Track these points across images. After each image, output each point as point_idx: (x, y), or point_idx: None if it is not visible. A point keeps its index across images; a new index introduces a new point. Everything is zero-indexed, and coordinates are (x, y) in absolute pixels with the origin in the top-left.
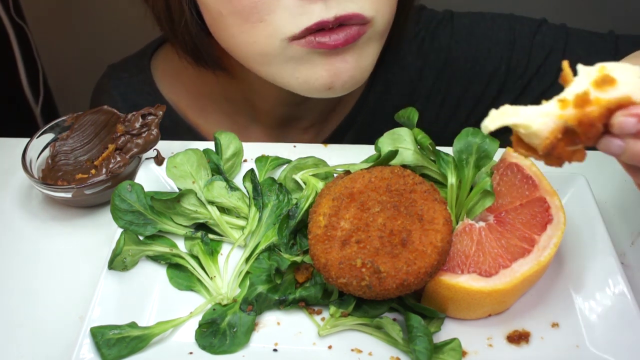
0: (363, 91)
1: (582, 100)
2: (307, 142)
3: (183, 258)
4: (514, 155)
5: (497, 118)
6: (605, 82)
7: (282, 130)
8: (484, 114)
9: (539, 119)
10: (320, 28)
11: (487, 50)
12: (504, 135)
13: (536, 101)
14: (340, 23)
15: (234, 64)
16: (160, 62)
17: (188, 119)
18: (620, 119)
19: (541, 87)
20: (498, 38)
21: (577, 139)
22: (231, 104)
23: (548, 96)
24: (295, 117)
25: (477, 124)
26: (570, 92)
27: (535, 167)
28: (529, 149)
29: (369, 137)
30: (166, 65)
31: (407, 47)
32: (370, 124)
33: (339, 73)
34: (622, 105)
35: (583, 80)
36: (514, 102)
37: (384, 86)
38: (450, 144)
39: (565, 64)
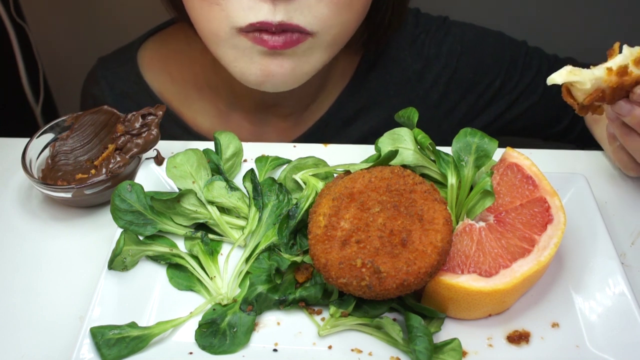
0: (345, 87)
1: (623, 71)
2: (288, 129)
3: (183, 258)
4: (514, 156)
5: (565, 75)
6: None
7: (262, 116)
8: (475, 121)
9: (592, 80)
10: (263, 28)
11: (489, 66)
12: (503, 138)
13: (520, 116)
14: (282, 29)
15: None
16: (147, 53)
17: (172, 107)
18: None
19: (527, 103)
20: (499, 56)
21: (604, 98)
22: (213, 90)
23: (532, 112)
24: (273, 103)
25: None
26: (615, 63)
27: (535, 167)
28: (573, 100)
29: (357, 130)
30: (153, 56)
31: (407, 50)
32: (361, 119)
33: (272, 75)
34: None
35: (626, 57)
36: (502, 114)
37: (382, 86)
38: (449, 144)
39: (617, 44)
